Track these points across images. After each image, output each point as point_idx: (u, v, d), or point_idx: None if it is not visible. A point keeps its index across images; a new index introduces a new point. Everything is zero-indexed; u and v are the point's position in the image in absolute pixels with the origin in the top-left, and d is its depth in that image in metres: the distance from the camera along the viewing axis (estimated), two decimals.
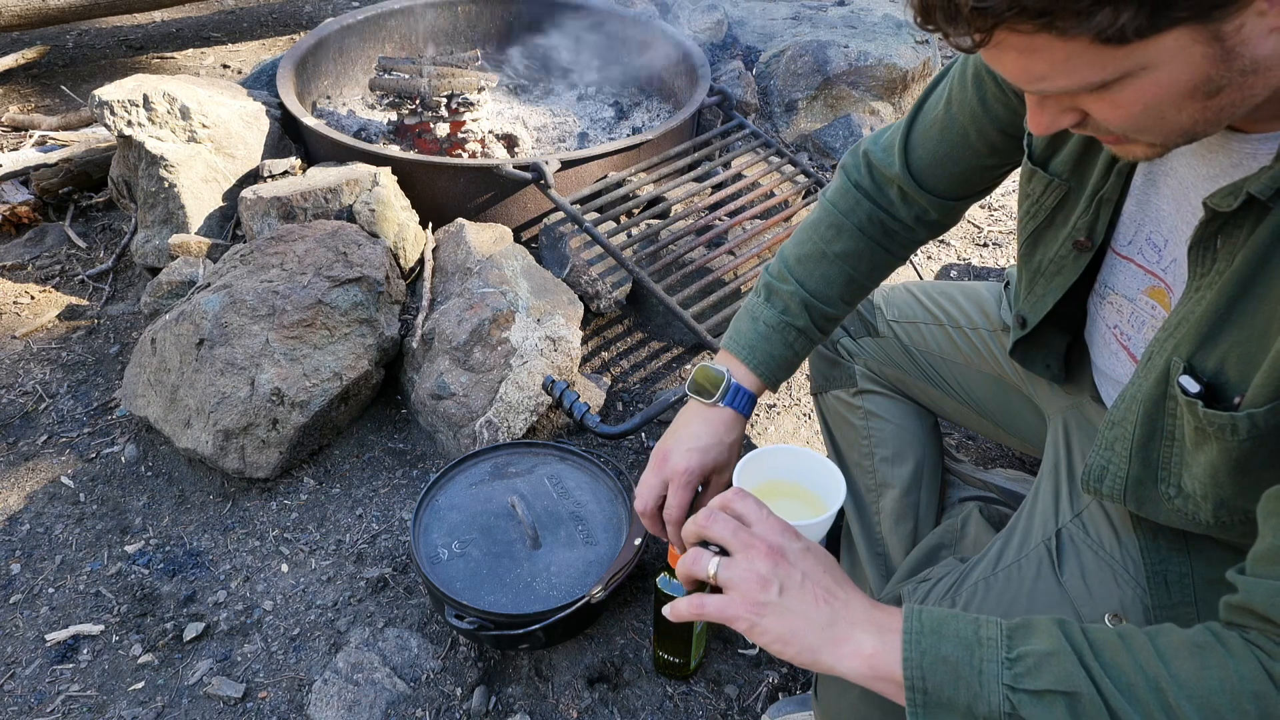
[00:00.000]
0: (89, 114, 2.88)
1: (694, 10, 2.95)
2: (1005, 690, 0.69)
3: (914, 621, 0.73)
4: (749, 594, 0.76)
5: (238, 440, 1.73)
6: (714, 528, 0.80)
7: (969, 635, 0.72)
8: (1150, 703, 0.67)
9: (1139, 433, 0.84)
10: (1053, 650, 0.70)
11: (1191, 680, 0.67)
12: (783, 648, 0.75)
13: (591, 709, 1.44)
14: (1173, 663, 0.68)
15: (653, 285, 1.95)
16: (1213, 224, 0.74)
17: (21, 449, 1.88)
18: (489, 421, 1.79)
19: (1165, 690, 0.67)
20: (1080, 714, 0.68)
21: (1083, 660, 0.69)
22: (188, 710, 1.44)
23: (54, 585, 1.62)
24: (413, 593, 1.60)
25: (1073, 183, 0.94)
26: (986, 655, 0.71)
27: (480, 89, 2.33)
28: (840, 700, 1.03)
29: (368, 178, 2.06)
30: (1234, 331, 0.74)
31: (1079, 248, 0.95)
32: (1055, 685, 0.68)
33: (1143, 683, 0.68)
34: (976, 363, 1.34)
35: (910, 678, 0.71)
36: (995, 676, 0.70)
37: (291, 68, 2.42)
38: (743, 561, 0.77)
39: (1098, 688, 0.68)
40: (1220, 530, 0.83)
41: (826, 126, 2.70)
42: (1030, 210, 1.00)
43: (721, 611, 0.76)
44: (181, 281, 2.03)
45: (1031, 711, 0.68)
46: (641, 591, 1.61)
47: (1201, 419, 0.76)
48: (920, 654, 0.72)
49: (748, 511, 0.82)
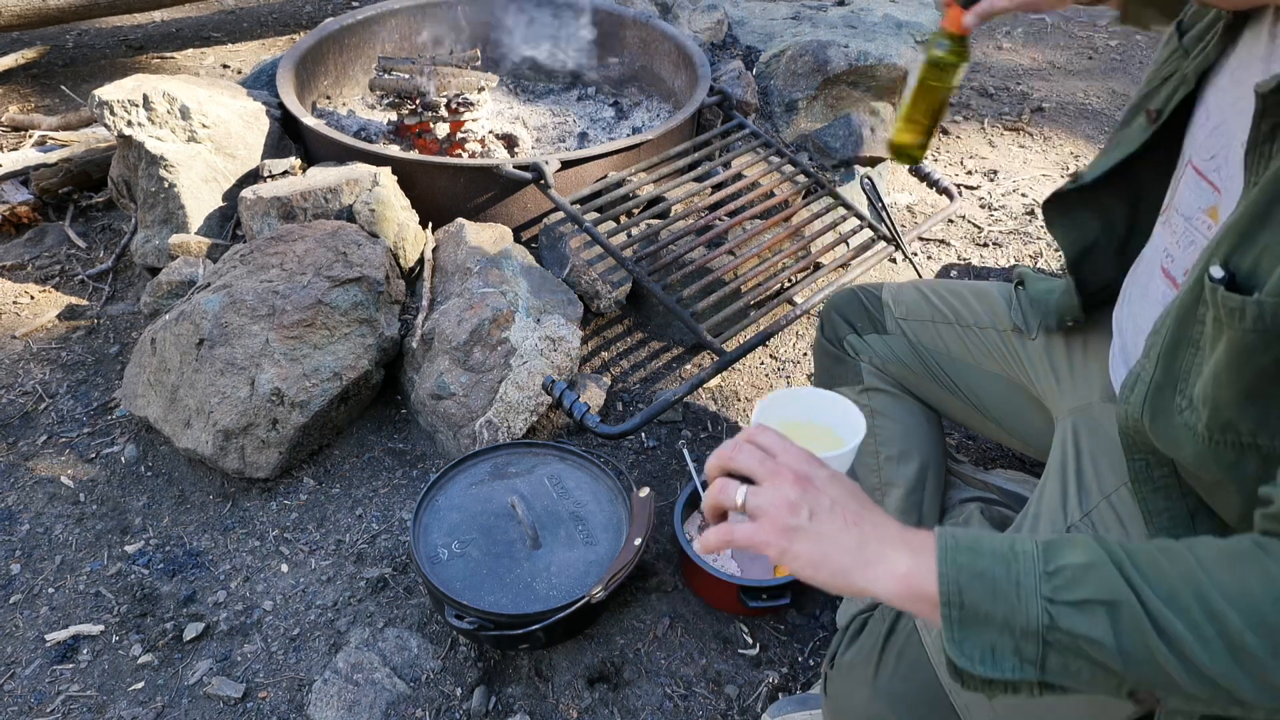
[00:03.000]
0: (89, 114, 2.88)
1: (694, 10, 2.94)
2: (1044, 603, 0.68)
3: (948, 539, 0.72)
4: (778, 520, 0.75)
5: (238, 440, 1.73)
6: (740, 457, 0.79)
7: (1004, 550, 0.71)
8: (1193, 608, 0.65)
9: (1168, 338, 0.84)
10: (1091, 562, 0.69)
11: (1233, 585, 0.65)
12: (814, 572, 0.74)
13: (591, 709, 1.44)
14: (1213, 570, 0.67)
15: (653, 285, 1.95)
16: (1265, 121, 0.75)
17: (21, 449, 1.88)
18: (489, 421, 1.79)
19: (1208, 596, 0.65)
20: (1121, 622, 0.66)
21: (1122, 570, 0.68)
22: (188, 710, 1.43)
23: (54, 585, 1.62)
24: (413, 593, 1.60)
25: (1189, 57, 0.98)
26: (1024, 569, 0.69)
27: (480, 89, 2.33)
28: (850, 699, 1.03)
29: (368, 178, 2.06)
30: (1270, 232, 0.74)
31: (1148, 117, 1.00)
32: (1095, 595, 0.67)
33: (1185, 589, 0.66)
34: (985, 363, 1.34)
35: (946, 593, 0.69)
36: (1033, 589, 0.68)
37: (291, 68, 2.42)
38: (770, 489, 0.76)
39: (1138, 595, 0.66)
40: (1213, 456, 0.81)
41: (826, 126, 2.70)
42: (1149, 80, 1.04)
43: (751, 538, 0.75)
44: (181, 281, 2.02)
45: (1072, 622, 0.67)
46: (641, 591, 1.61)
47: (1220, 304, 0.75)
48: (956, 570, 0.70)
49: (772, 443, 0.80)
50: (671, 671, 1.50)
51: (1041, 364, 1.26)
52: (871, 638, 1.05)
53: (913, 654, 1.00)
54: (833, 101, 2.72)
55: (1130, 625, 0.66)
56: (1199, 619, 0.65)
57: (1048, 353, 1.25)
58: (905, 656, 1.01)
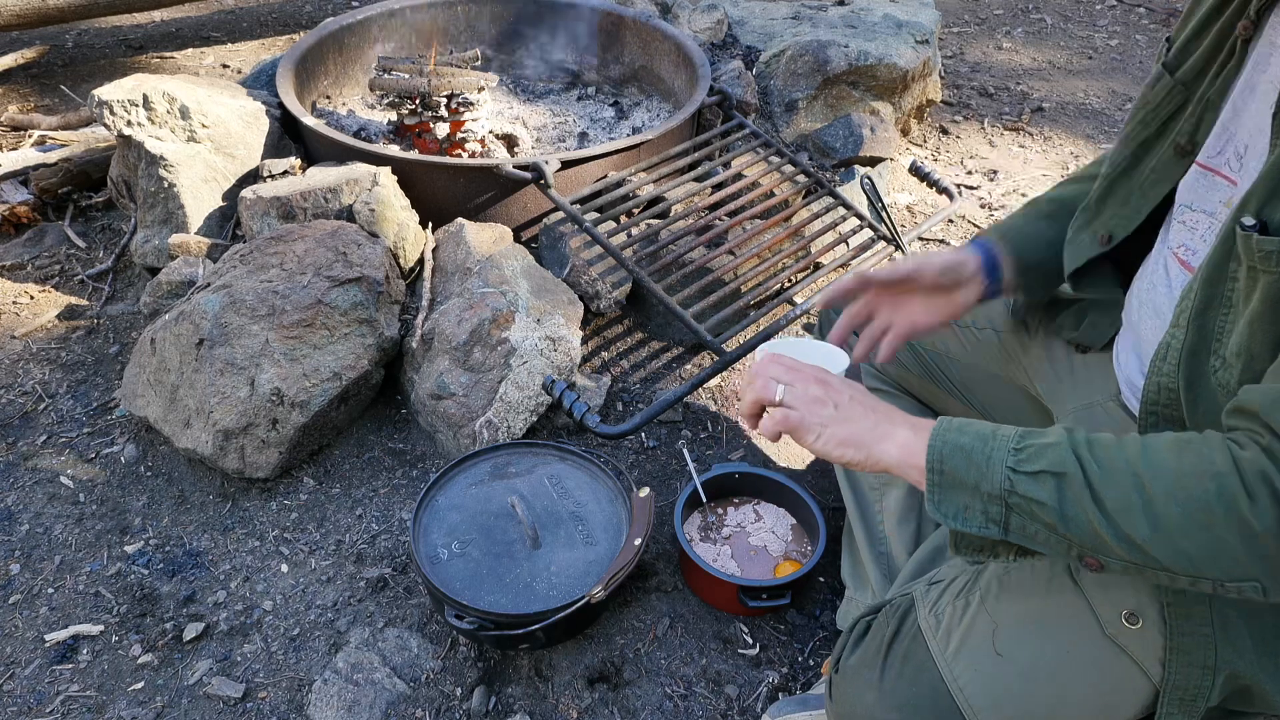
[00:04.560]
0: (88, 114, 2.88)
1: (694, 10, 2.94)
2: (1007, 471, 0.81)
3: (944, 421, 0.87)
4: (812, 409, 0.92)
5: (237, 440, 1.73)
6: (769, 368, 0.96)
7: (987, 432, 0.84)
8: (1126, 483, 0.77)
9: (1198, 299, 0.87)
10: (1052, 443, 0.81)
11: (1167, 465, 0.77)
12: (843, 450, 0.90)
13: (591, 709, 1.44)
14: (1154, 454, 0.78)
15: (653, 285, 1.95)
16: None
17: (21, 449, 1.88)
18: (489, 421, 1.79)
19: (1141, 474, 0.77)
20: (1066, 490, 0.78)
21: (1075, 450, 0.80)
22: (187, 710, 1.43)
23: (53, 585, 1.62)
24: (413, 593, 1.60)
25: (1191, 89, 0.98)
26: (998, 445, 0.83)
27: (480, 89, 2.33)
28: (856, 702, 1.03)
29: (367, 178, 2.06)
30: None
31: (1179, 151, 0.99)
32: (1048, 467, 0.79)
33: (1123, 467, 0.78)
34: (983, 363, 1.34)
35: (930, 461, 0.84)
36: (1001, 461, 0.81)
37: (291, 67, 2.42)
38: (801, 387, 0.93)
39: (1083, 468, 0.78)
40: None
41: (826, 126, 2.69)
42: (1145, 119, 1.04)
43: (798, 421, 0.92)
44: (181, 281, 2.02)
45: (1025, 488, 0.80)
46: (641, 591, 1.61)
47: (1254, 249, 0.79)
48: (943, 443, 0.85)
49: (790, 361, 0.97)
50: (671, 671, 1.50)
51: (1042, 363, 1.26)
52: (876, 641, 1.04)
53: (918, 656, 1.00)
54: (833, 101, 2.72)
55: (1073, 493, 0.78)
56: (1128, 489, 0.76)
57: (1049, 352, 1.25)
58: (910, 659, 1.00)
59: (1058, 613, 0.96)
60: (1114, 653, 0.93)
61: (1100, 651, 0.94)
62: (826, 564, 1.61)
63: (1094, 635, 0.94)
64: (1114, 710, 0.95)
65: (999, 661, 0.96)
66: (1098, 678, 0.94)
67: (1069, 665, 0.95)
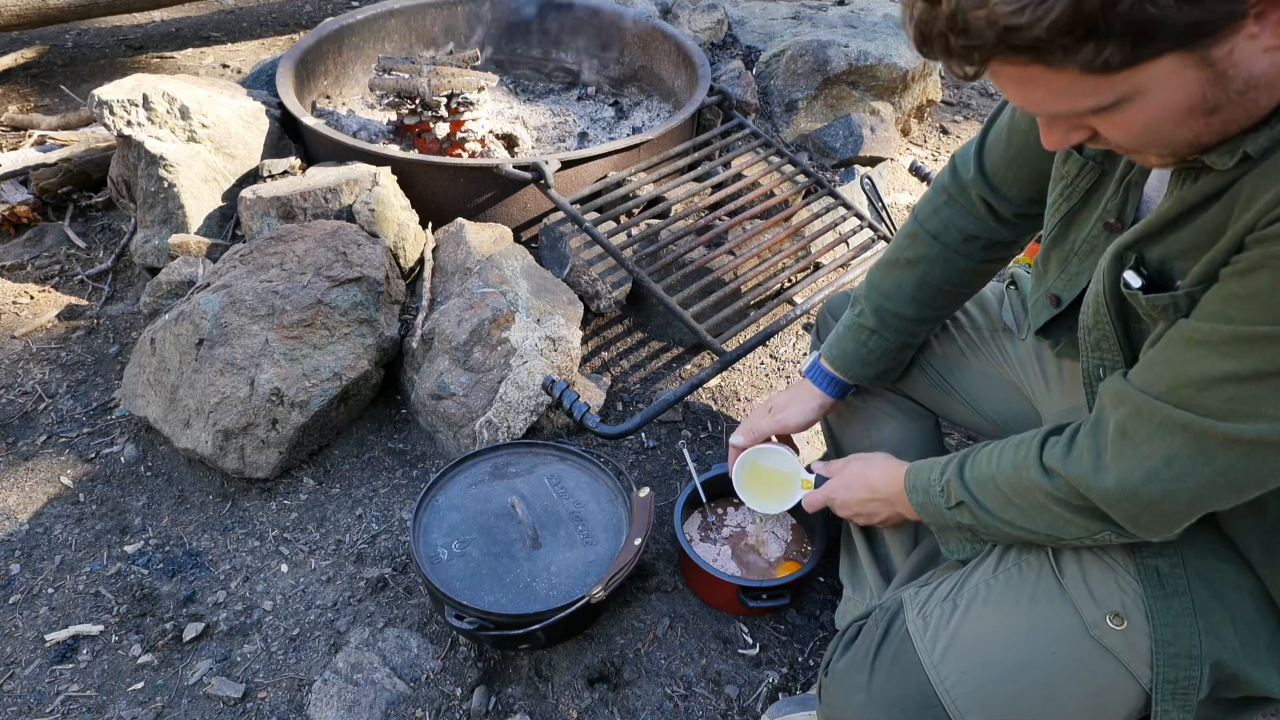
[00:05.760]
0: (88, 114, 2.88)
1: (694, 10, 2.94)
2: (950, 511, 1.06)
3: (907, 482, 1.13)
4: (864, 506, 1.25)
5: (237, 440, 1.73)
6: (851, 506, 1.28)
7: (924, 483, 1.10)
8: (990, 488, 1.00)
9: (1118, 325, 0.93)
10: (949, 479, 1.05)
11: (1003, 467, 0.98)
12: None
13: (591, 709, 1.44)
14: (1001, 459, 0.99)
15: (653, 285, 1.95)
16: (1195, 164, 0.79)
17: (21, 449, 1.88)
18: (489, 421, 1.79)
19: (995, 477, 0.99)
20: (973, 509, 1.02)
21: (963, 479, 1.04)
22: (187, 710, 1.43)
23: (53, 585, 1.62)
24: (413, 593, 1.60)
25: (1105, 165, 0.97)
26: (933, 495, 1.08)
27: (480, 89, 2.33)
28: (845, 705, 1.03)
29: (367, 178, 2.06)
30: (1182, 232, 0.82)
31: (1109, 228, 0.98)
32: (956, 500, 1.04)
33: (986, 479, 1.01)
34: (977, 363, 1.34)
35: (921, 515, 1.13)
36: (941, 505, 1.06)
37: (291, 67, 2.42)
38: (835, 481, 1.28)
39: (970, 491, 1.02)
40: None
41: (826, 126, 2.70)
42: (1064, 192, 1.03)
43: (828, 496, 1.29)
44: (181, 281, 2.02)
45: (959, 518, 1.05)
46: (641, 591, 1.61)
47: (1146, 306, 0.86)
48: (920, 508, 1.12)
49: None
50: (671, 671, 1.50)
51: (1030, 366, 1.27)
52: (865, 644, 1.05)
53: (906, 659, 1.00)
54: (833, 101, 2.72)
55: (974, 509, 1.01)
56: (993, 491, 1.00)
57: (1036, 355, 1.26)
58: (899, 662, 1.01)
59: (1043, 615, 0.97)
60: (1100, 654, 0.94)
61: (1086, 653, 0.94)
62: (826, 564, 1.61)
63: (1079, 637, 0.95)
64: (1103, 712, 0.96)
65: (986, 664, 0.97)
66: (1084, 679, 0.95)
67: (1055, 667, 0.95)
